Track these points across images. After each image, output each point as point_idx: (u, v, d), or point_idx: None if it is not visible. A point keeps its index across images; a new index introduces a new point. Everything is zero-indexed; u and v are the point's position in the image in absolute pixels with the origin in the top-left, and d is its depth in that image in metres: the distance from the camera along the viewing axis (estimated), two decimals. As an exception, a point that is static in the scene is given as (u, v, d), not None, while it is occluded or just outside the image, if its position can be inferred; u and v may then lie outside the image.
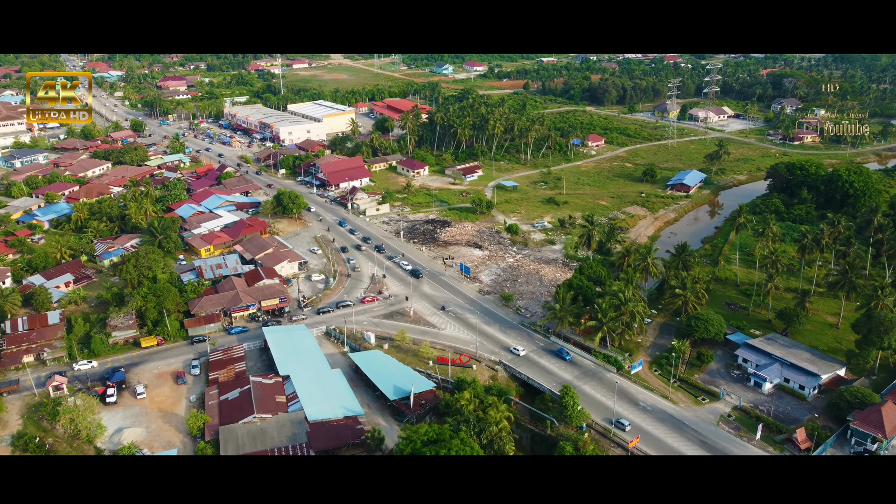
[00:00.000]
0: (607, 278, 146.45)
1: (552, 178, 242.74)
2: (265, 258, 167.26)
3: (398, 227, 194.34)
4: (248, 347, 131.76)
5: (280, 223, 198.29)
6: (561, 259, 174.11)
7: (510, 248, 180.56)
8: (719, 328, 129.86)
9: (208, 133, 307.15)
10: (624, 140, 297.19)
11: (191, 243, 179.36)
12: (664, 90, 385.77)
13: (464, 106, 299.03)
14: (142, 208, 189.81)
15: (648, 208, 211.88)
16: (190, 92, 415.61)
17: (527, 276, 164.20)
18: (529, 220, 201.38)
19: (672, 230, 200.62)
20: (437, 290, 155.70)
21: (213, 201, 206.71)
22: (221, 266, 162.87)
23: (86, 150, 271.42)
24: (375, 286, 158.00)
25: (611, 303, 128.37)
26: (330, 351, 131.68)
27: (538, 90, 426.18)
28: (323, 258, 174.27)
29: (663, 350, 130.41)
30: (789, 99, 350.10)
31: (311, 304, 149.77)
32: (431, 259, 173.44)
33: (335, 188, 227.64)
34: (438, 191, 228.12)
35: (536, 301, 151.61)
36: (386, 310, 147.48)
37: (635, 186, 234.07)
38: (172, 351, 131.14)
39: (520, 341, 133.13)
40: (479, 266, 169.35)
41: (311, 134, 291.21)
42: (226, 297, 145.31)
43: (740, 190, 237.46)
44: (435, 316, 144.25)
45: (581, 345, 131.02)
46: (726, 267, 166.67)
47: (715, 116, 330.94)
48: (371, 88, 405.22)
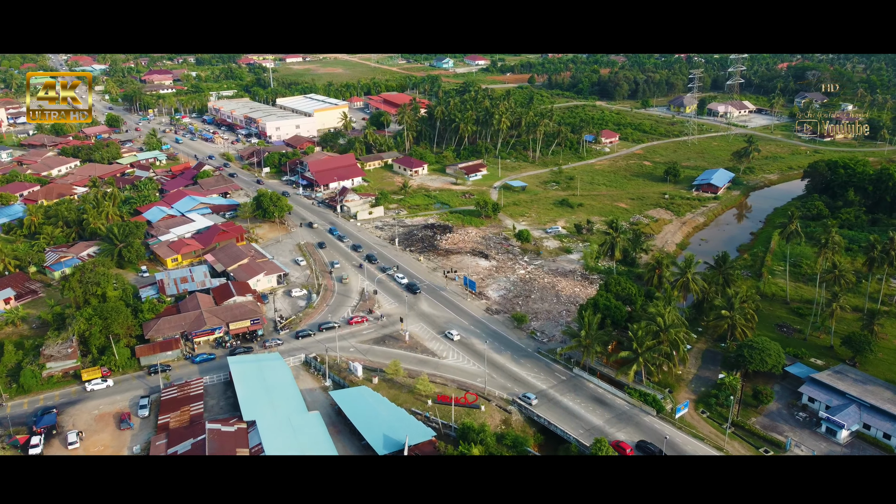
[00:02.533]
0: (638, 296, 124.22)
1: (564, 177, 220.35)
2: (239, 270, 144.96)
3: (393, 233, 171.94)
4: (209, 381, 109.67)
5: (260, 228, 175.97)
6: (579, 271, 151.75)
7: (520, 258, 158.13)
8: (777, 359, 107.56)
9: (190, 129, 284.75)
10: (640, 136, 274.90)
11: (156, 252, 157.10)
12: (678, 84, 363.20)
13: (466, 99, 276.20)
14: (102, 211, 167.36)
15: (674, 211, 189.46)
16: (176, 86, 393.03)
17: (541, 291, 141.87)
18: (541, 224, 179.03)
19: (702, 236, 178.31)
20: (438, 309, 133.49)
21: (186, 203, 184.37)
22: (187, 279, 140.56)
23: (54, 147, 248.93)
24: (365, 303, 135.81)
25: (648, 329, 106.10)
26: (309, 385, 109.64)
27: (544, 84, 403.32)
28: (307, 269, 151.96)
29: (709, 384, 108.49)
30: (813, 93, 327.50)
31: (289, 325, 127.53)
32: (430, 271, 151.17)
33: (324, 189, 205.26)
34: (438, 192, 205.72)
35: (554, 322, 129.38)
36: (377, 333, 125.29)
37: (657, 187, 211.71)
38: (120, 385, 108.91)
39: (536, 373, 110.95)
40: (486, 279, 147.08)
41: (300, 129, 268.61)
42: (188, 317, 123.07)
43: (772, 191, 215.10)
44: (435, 341, 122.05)
45: (610, 378, 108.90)
46: (771, 281, 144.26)
47: (736, 111, 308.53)
48: (367, 82, 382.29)
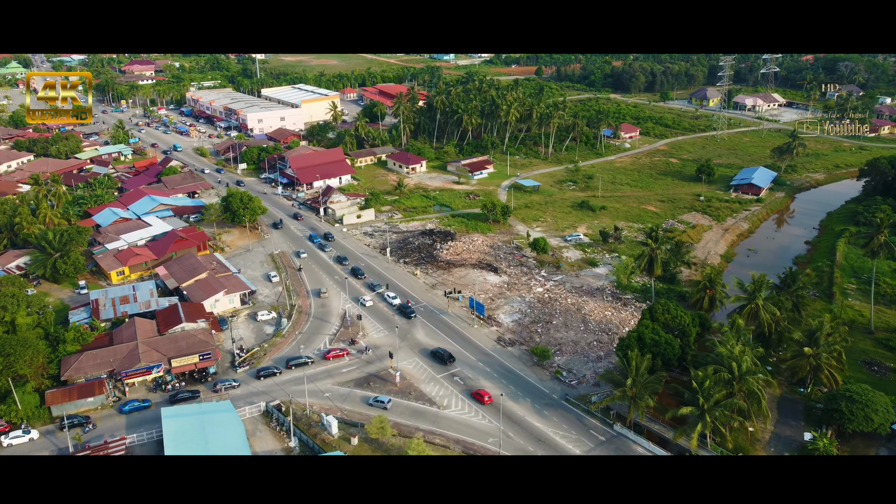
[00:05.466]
0: (691, 327, 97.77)
1: (582, 175, 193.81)
2: (194, 287, 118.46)
3: (385, 240, 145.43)
4: (138, 440, 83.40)
5: (229, 234, 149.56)
6: (609, 289, 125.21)
7: (537, 273, 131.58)
8: (886, 415, 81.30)
9: (164, 121, 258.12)
10: (662, 131, 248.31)
11: (100, 263, 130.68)
12: (699, 75, 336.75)
13: (469, 89, 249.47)
14: (39, 214, 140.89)
15: (712, 216, 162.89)
16: (158, 77, 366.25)
17: (564, 314, 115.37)
18: (559, 231, 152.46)
19: (749, 245, 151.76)
20: (437, 338, 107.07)
21: (144, 204, 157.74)
22: (128, 299, 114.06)
23: (9, 140, 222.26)
24: (348, 331, 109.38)
25: (718, 378, 79.70)
26: (268, 446, 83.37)
27: (552, 76, 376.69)
28: (279, 286, 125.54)
29: (792, 446, 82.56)
30: (847, 85, 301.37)
31: (250, 360, 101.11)
32: (428, 288, 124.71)
33: (307, 188, 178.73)
34: (438, 192, 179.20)
35: (582, 357, 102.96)
36: (360, 371, 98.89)
37: (688, 187, 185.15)
38: (28, 444, 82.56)
39: (566, 431, 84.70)
40: (496, 299, 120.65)
41: (285, 122, 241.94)
42: (119, 352, 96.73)
43: (821, 192, 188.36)
44: (433, 383, 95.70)
45: (664, 439, 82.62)
46: (846, 303, 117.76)
47: (764, 104, 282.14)
48: (362, 73, 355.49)
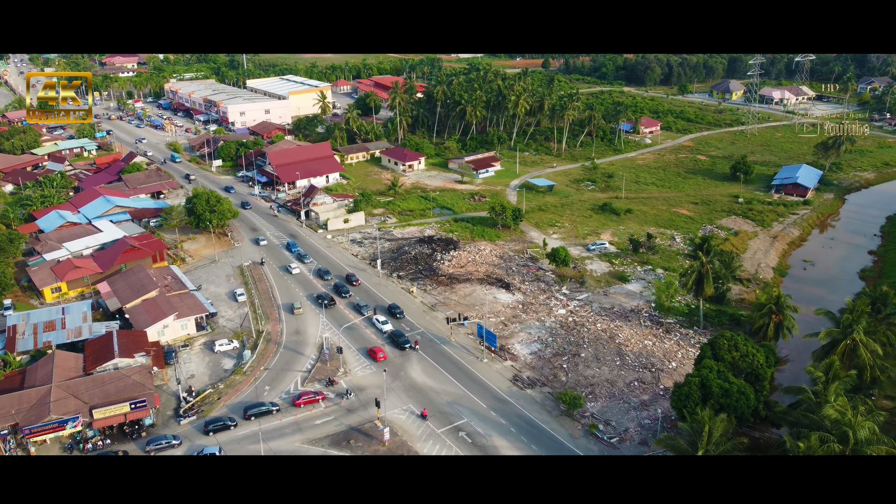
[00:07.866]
0: (765, 367, 75.75)
1: (601, 174, 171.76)
2: (139, 309, 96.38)
3: (376, 249, 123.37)
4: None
5: (193, 242, 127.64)
6: (645, 310, 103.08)
7: (557, 290, 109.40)
8: None
9: (138, 114, 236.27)
10: (684, 125, 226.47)
11: (33, 278, 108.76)
12: (718, 67, 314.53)
13: (473, 79, 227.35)
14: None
15: (755, 221, 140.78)
16: (140, 69, 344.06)
17: (594, 344, 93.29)
18: (580, 238, 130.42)
19: (803, 255, 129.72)
20: (437, 377, 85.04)
21: (97, 206, 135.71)
22: (54, 325, 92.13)
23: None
24: (326, 366, 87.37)
25: (826, 450, 57.65)
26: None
27: (561, 69, 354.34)
28: (245, 306, 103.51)
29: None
30: (879, 78, 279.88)
31: (199, 406, 79.13)
32: (427, 309, 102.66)
33: (289, 187, 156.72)
34: (439, 192, 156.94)
35: (622, 402, 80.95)
36: (338, 423, 76.85)
37: (722, 187, 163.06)
38: None
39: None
40: (510, 324, 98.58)
41: (270, 115, 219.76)
42: (25, 399, 74.81)
43: (874, 193, 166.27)
44: (431, 440, 73.67)
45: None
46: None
47: (793, 97, 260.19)
48: (357, 64, 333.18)
